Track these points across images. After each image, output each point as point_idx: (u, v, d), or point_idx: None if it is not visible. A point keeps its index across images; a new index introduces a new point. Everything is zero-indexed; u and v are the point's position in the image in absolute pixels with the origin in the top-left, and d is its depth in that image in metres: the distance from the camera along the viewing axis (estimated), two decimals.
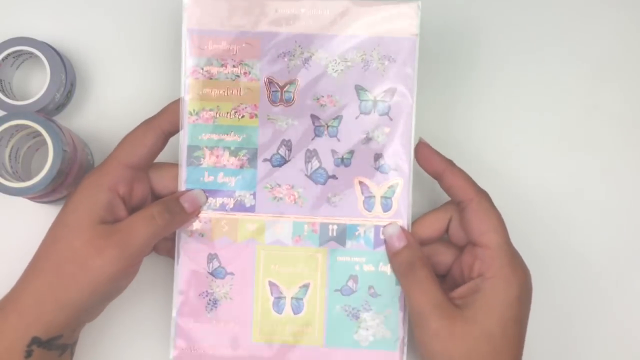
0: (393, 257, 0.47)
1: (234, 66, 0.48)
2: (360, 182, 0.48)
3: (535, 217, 0.54)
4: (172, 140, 0.48)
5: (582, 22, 0.56)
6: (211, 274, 0.49)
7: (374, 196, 0.48)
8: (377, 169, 0.48)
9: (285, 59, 0.48)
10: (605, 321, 0.53)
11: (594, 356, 0.53)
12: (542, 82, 0.55)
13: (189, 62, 0.48)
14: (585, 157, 0.55)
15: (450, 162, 0.47)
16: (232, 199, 0.49)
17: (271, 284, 0.49)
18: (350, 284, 0.48)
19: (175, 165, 0.49)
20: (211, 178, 0.49)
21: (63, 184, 0.48)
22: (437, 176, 0.47)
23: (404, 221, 0.48)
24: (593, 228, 0.54)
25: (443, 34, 0.55)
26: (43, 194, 0.48)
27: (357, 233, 0.48)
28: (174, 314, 0.48)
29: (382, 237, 0.48)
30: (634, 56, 0.56)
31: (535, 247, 0.53)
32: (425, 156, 0.47)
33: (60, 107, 0.53)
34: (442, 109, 0.55)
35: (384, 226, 0.48)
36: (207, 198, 0.48)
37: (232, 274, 0.49)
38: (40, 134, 0.47)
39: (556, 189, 0.54)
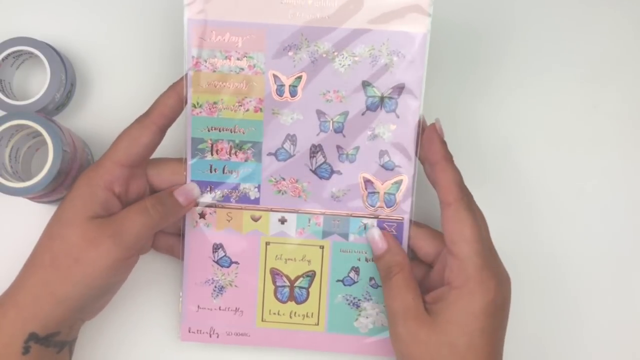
0: (376, 260, 0.49)
1: (238, 59, 0.47)
2: (365, 178, 0.49)
3: (535, 216, 0.55)
4: (174, 135, 0.48)
5: (582, 22, 0.55)
6: (216, 262, 0.50)
7: (378, 192, 0.49)
8: (382, 165, 0.48)
9: (291, 52, 0.47)
10: (605, 320, 0.54)
11: (596, 355, 0.55)
12: (542, 81, 0.55)
13: (191, 53, 0.47)
14: (585, 156, 0.55)
15: (445, 157, 0.45)
16: (236, 192, 0.49)
17: (275, 274, 0.50)
18: (352, 275, 0.50)
19: (173, 160, 0.49)
20: (216, 170, 0.49)
21: (63, 184, 0.48)
22: (430, 164, 0.46)
23: (406, 217, 0.49)
24: (593, 227, 0.54)
25: (445, 33, 0.54)
26: (43, 194, 0.47)
27: (359, 227, 0.49)
28: (181, 299, 0.50)
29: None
30: (634, 56, 0.55)
31: (534, 246, 0.54)
32: (428, 140, 0.46)
33: (60, 107, 0.53)
34: (445, 107, 0.54)
35: (367, 230, 0.49)
36: (200, 192, 0.49)
37: (237, 263, 0.50)
38: (40, 134, 0.46)
39: (556, 187, 0.55)
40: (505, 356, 0.45)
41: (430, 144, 0.46)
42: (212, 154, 0.48)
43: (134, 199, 0.47)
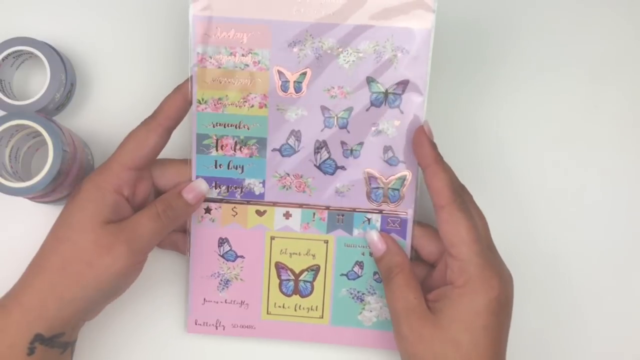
0: (376, 262, 0.49)
1: (243, 55, 0.47)
2: (369, 174, 0.49)
3: (534, 216, 0.55)
4: (179, 131, 0.48)
5: (584, 22, 0.55)
6: (222, 256, 0.50)
7: (382, 188, 0.49)
8: (386, 161, 0.49)
9: (296, 49, 0.47)
10: (606, 318, 0.54)
11: (597, 353, 0.55)
12: (544, 80, 0.55)
13: (196, 50, 0.47)
14: (586, 156, 0.55)
15: (435, 160, 0.45)
16: (241, 187, 0.49)
17: (280, 267, 0.51)
18: (356, 269, 0.50)
19: (177, 161, 0.49)
20: (221, 166, 0.49)
21: (63, 184, 0.48)
22: (421, 167, 0.47)
23: (410, 212, 0.49)
24: (592, 227, 0.54)
25: (449, 31, 0.54)
26: (43, 194, 0.47)
27: (364, 222, 0.50)
28: (188, 292, 0.51)
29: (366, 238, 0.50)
30: (634, 56, 0.55)
31: (535, 246, 0.54)
32: (417, 143, 0.46)
33: (60, 107, 0.53)
34: (449, 105, 0.54)
35: (366, 232, 0.49)
36: (208, 186, 0.49)
37: (242, 257, 0.50)
38: (40, 134, 0.46)
39: (555, 187, 0.55)
40: (507, 355, 0.45)
41: (420, 148, 0.46)
42: (217, 150, 0.49)
43: (141, 201, 0.48)
